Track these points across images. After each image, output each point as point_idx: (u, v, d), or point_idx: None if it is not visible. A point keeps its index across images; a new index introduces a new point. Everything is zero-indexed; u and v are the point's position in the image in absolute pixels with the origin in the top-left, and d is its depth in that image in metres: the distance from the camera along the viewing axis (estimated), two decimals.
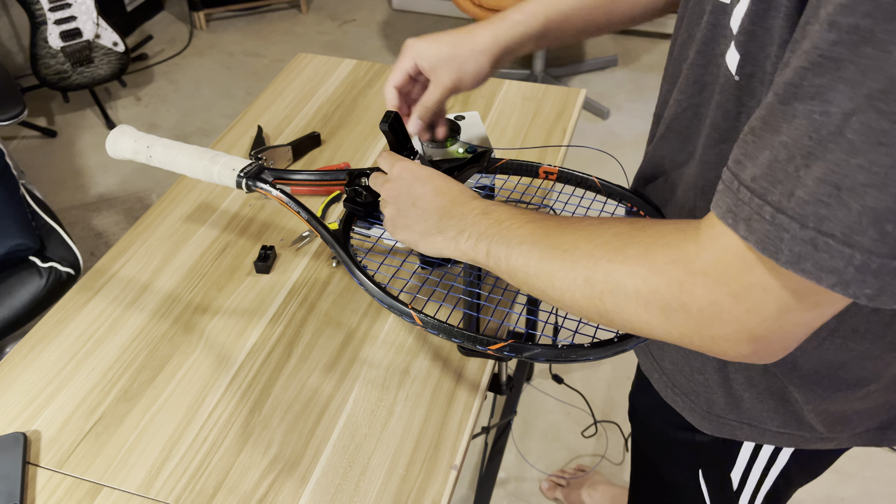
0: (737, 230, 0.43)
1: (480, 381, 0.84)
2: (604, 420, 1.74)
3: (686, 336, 0.49)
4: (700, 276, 0.46)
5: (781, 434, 0.73)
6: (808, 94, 0.38)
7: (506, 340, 0.63)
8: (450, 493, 0.74)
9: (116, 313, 0.94)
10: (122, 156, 0.86)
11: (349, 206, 0.77)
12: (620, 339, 0.63)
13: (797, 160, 0.39)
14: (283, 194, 0.76)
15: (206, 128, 2.77)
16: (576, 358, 0.62)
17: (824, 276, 0.40)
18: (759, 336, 0.45)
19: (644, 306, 0.49)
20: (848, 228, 0.38)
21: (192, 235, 1.05)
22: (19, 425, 0.82)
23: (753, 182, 0.42)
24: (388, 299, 0.67)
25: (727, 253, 0.44)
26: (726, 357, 0.49)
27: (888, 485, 1.62)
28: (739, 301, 0.45)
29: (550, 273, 0.55)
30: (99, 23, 2.53)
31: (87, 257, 2.17)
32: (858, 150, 0.37)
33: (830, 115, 0.37)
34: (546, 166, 0.82)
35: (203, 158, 0.80)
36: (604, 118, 2.73)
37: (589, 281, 0.52)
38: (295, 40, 3.28)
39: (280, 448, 0.78)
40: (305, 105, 1.31)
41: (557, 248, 0.55)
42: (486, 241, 0.61)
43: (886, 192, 0.37)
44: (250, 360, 0.87)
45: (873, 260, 0.38)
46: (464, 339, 0.64)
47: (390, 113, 0.73)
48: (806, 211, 0.39)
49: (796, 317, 0.44)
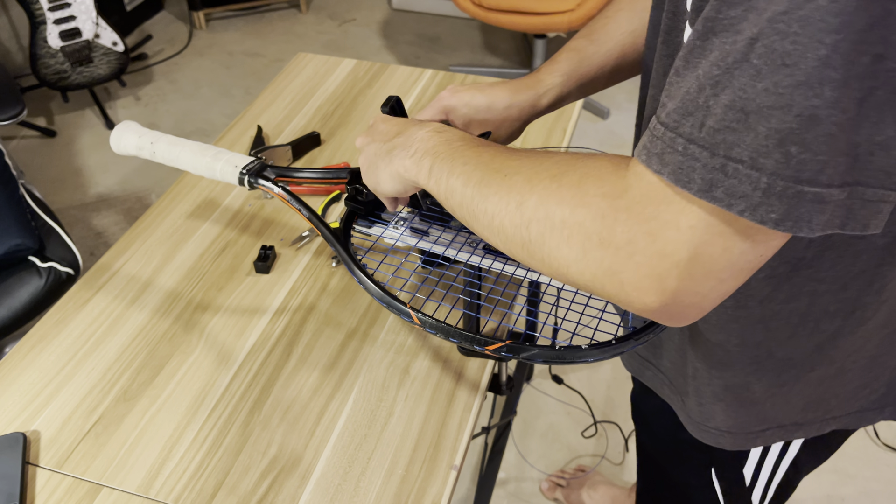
0: (650, 165, 0.43)
1: (480, 381, 0.84)
2: (604, 420, 1.74)
3: (598, 279, 0.48)
4: (623, 211, 0.46)
5: (763, 432, 0.74)
6: (723, 27, 0.39)
7: (504, 341, 0.63)
8: (450, 493, 0.74)
9: (116, 313, 0.94)
10: (125, 151, 0.86)
11: (350, 204, 0.77)
12: (619, 340, 0.63)
13: (707, 90, 0.40)
14: (284, 192, 0.76)
15: (206, 128, 2.76)
16: (573, 359, 0.62)
17: (734, 202, 0.40)
18: (669, 287, 0.45)
19: (566, 239, 0.49)
20: (755, 152, 0.39)
21: (192, 235, 1.05)
22: (19, 425, 0.81)
23: (668, 117, 0.42)
24: (388, 298, 0.66)
25: (649, 189, 0.44)
26: (633, 309, 0.48)
27: (888, 485, 1.62)
28: (654, 240, 0.44)
29: (486, 195, 0.55)
30: (98, 22, 2.53)
31: (87, 257, 2.17)
32: (763, 74, 0.37)
33: (737, 42, 0.38)
34: None
35: (206, 155, 0.80)
36: (604, 118, 2.73)
37: (521, 206, 0.52)
38: (295, 40, 3.28)
39: (280, 448, 0.78)
40: (305, 105, 1.31)
41: (499, 171, 0.55)
42: (431, 157, 0.60)
43: (790, 113, 0.37)
44: (250, 360, 0.87)
45: (778, 183, 0.39)
46: (462, 339, 0.64)
47: (392, 97, 0.73)
48: (716, 139, 0.40)
49: (707, 263, 0.43)
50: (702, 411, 0.74)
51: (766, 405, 0.71)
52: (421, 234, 0.78)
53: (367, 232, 0.79)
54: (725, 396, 0.71)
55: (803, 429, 0.73)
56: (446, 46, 3.19)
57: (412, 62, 3.06)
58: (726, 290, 0.46)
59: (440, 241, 0.77)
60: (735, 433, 0.74)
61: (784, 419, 0.72)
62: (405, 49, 3.17)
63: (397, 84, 1.36)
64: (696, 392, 0.74)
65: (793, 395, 0.69)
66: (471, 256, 0.76)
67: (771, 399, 0.70)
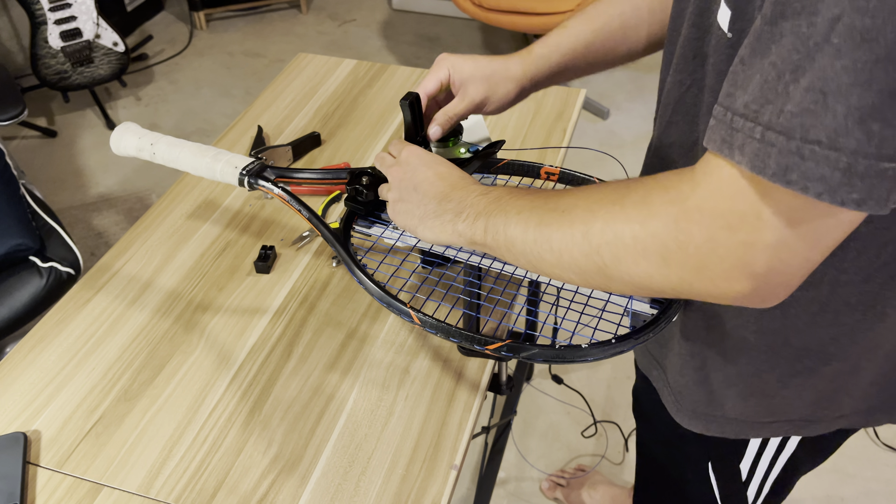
0: (732, 157, 0.43)
1: (480, 380, 0.84)
2: (604, 420, 1.74)
3: (685, 280, 0.49)
4: (695, 212, 0.46)
5: (770, 424, 0.74)
6: (795, 11, 0.39)
7: (504, 340, 0.63)
8: (450, 493, 0.74)
9: (117, 313, 0.94)
10: (125, 153, 0.86)
11: (350, 204, 0.77)
12: (619, 339, 0.63)
13: (786, 76, 0.40)
14: (284, 192, 0.76)
15: (206, 128, 2.77)
16: (573, 358, 0.62)
17: (811, 184, 0.40)
18: (758, 272, 0.45)
19: (642, 253, 0.49)
20: (833, 132, 0.38)
21: (193, 235, 1.05)
22: (19, 425, 0.82)
23: (745, 108, 0.42)
24: (388, 298, 0.67)
25: (721, 184, 0.45)
26: (727, 299, 0.48)
27: (888, 485, 1.62)
28: (734, 232, 0.44)
29: (548, 236, 0.55)
30: (99, 23, 2.53)
31: (88, 257, 2.17)
32: (843, 52, 0.37)
33: (816, 25, 0.38)
34: (547, 167, 0.83)
35: (206, 156, 0.80)
36: (604, 118, 2.73)
37: (587, 235, 0.52)
38: (295, 40, 3.28)
39: (280, 448, 0.78)
40: (305, 105, 1.31)
41: (555, 210, 0.55)
42: (485, 217, 0.61)
43: (870, 90, 0.37)
44: (250, 360, 0.87)
45: (859, 162, 0.38)
46: (462, 339, 0.64)
47: (413, 93, 0.74)
48: (793, 123, 0.40)
49: (793, 245, 0.44)
50: (711, 399, 0.74)
51: (777, 397, 0.71)
52: None
53: (367, 232, 0.79)
54: (738, 383, 0.71)
55: (811, 426, 0.73)
56: (446, 46, 3.19)
57: (412, 62, 3.06)
58: (812, 266, 0.46)
59: None
60: (742, 422, 0.74)
61: (793, 413, 0.72)
62: (405, 49, 3.17)
63: (397, 84, 1.36)
64: (704, 380, 0.74)
65: (806, 388, 0.69)
66: (470, 256, 0.76)
67: (783, 391, 0.70)
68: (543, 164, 0.83)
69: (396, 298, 0.67)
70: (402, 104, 0.74)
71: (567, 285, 0.71)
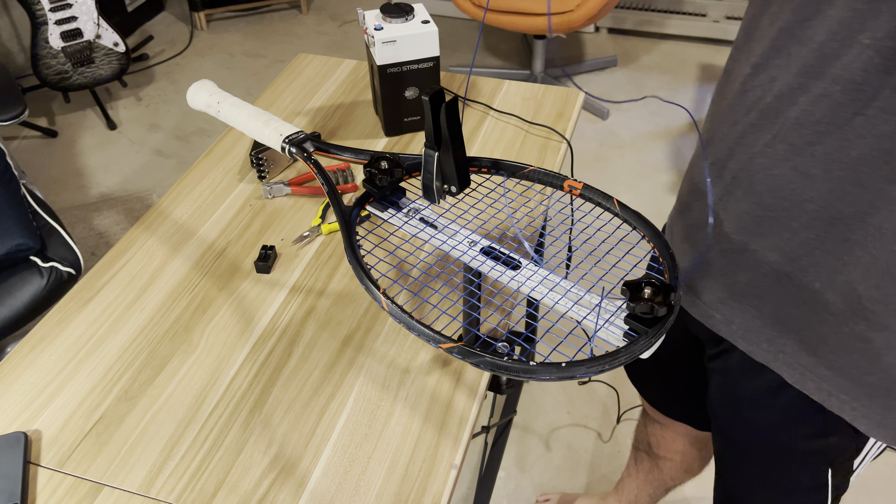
0: None
1: (480, 380, 0.84)
2: (626, 413, 1.74)
3: None
4: None
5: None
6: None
7: (457, 342, 0.62)
8: (450, 493, 0.74)
9: (117, 313, 0.94)
10: (197, 106, 0.97)
11: (367, 186, 0.80)
12: (569, 364, 0.60)
13: None
14: (315, 166, 0.81)
15: (207, 128, 2.77)
16: (518, 373, 0.60)
17: None
18: None
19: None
20: None
21: (193, 235, 1.05)
22: (20, 425, 0.82)
23: None
24: (366, 280, 0.67)
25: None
26: None
27: (888, 484, 1.62)
28: None
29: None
30: (100, 23, 2.54)
31: (88, 257, 2.17)
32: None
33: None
34: (571, 180, 0.80)
35: (259, 120, 0.88)
36: (604, 118, 2.73)
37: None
38: (295, 41, 3.28)
39: (280, 448, 0.79)
40: (306, 105, 1.31)
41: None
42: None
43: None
44: (251, 360, 0.88)
45: None
46: (420, 334, 0.63)
47: (437, 87, 0.71)
48: None
49: None
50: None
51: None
52: (428, 224, 0.79)
53: (378, 214, 0.80)
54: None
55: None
56: (446, 47, 3.19)
57: None
58: None
59: (445, 231, 0.78)
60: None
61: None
62: None
63: None
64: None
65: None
66: (471, 260, 0.76)
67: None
68: (568, 176, 0.81)
69: (374, 282, 0.67)
70: (423, 100, 0.71)
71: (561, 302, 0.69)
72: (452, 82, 1.36)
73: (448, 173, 0.77)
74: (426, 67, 1.15)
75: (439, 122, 0.73)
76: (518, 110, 1.27)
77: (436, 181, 0.78)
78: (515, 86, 1.34)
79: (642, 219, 0.73)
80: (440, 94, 0.72)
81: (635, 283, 0.63)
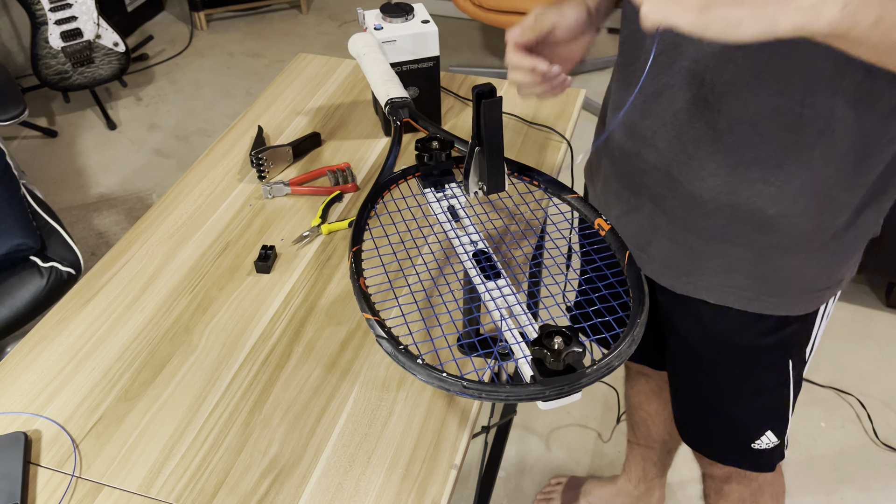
0: None
1: None
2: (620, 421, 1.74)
3: None
4: None
5: (829, 289, 0.84)
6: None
7: (378, 318, 0.66)
8: (450, 493, 0.74)
9: (117, 313, 0.94)
10: (352, 51, 1.08)
11: (420, 163, 0.84)
12: (449, 374, 0.60)
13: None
14: (397, 133, 0.89)
15: (207, 128, 2.77)
16: (405, 365, 0.62)
17: None
18: None
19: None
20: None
21: (193, 235, 1.05)
22: (20, 425, 0.82)
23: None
24: (353, 268, 0.71)
25: None
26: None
27: (888, 484, 1.62)
28: None
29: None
30: (99, 23, 2.54)
31: (88, 257, 2.17)
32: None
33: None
34: (602, 220, 0.78)
35: (382, 78, 0.98)
36: None
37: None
38: (295, 40, 3.28)
39: (280, 448, 0.78)
40: (306, 105, 1.31)
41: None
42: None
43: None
44: (251, 360, 0.88)
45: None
46: (361, 307, 0.68)
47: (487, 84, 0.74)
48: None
49: None
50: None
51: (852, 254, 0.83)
52: (456, 218, 0.80)
53: (420, 187, 0.84)
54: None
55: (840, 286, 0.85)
56: (446, 46, 3.19)
57: None
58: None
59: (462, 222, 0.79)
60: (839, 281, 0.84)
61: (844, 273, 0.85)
62: None
63: None
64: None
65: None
66: (472, 266, 0.76)
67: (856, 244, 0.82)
68: (602, 215, 0.78)
69: (358, 273, 0.69)
70: (473, 93, 0.74)
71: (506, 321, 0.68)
72: (452, 82, 1.36)
73: (482, 172, 0.78)
74: (426, 67, 1.15)
75: (479, 119, 0.74)
76: (518, 110, 1.27)
77: (472, 175, 0.79)
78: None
79: (642, 288, 0.69)
80: (488, 94, 0.74)
81: (553, 329, 0.60)
